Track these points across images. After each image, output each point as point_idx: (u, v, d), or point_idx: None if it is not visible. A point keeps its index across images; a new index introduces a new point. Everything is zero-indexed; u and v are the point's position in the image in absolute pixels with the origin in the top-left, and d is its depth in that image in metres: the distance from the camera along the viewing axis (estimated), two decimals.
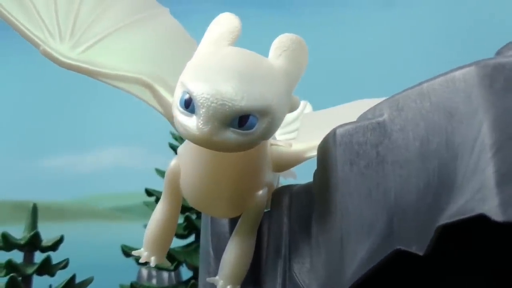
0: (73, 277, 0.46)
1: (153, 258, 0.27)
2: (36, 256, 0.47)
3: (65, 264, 0.47)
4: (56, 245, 0.47)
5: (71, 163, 0.83)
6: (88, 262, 0.56)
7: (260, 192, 0.25)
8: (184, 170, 0.26)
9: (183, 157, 0.26)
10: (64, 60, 0.26)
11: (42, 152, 0.81)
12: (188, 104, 0.20)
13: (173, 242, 0.29)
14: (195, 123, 0.20)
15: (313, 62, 0.23)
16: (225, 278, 0.25)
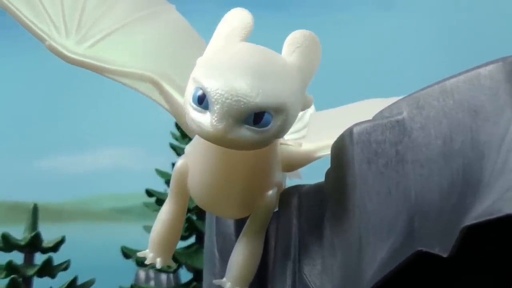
0: (75, 279, 0.45)
1: (159, 260, 0.26)
2: (36, 257, 0.47)
3: (66, 266, 0.47)
4: (57, 246, 0.47)
5: (71, 163, 0.83)
6: (88, 264, 0.55)
7: (270, 192, 0.25)
8: (193, 169, 0.25)
9: (191, 155, 0.25)
10: (70, 55, 0.26)
11: (42, 153, 0.81)
12: (201, 101, 0.20)
13: None
14: (209, 119, 0.20)
15: None
16: (233, 279, 0.25)
